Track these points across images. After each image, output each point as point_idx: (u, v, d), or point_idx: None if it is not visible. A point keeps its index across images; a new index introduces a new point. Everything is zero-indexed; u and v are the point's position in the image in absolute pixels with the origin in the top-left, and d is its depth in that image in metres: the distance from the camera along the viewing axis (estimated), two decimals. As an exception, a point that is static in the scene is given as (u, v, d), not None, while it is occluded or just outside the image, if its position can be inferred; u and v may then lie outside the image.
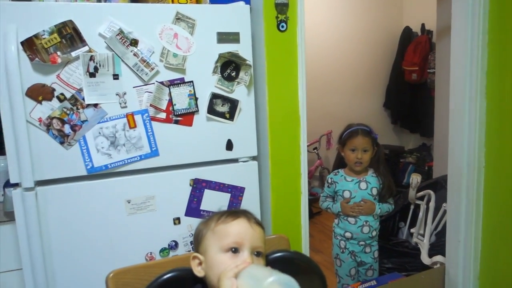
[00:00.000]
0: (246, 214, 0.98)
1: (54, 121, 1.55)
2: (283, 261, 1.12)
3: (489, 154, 1.87)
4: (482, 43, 1.83)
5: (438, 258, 2.27)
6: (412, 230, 2.68)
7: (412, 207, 2.75)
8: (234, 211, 0.99)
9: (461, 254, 1.98)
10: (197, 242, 0.99)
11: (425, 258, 2.36)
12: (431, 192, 2.62)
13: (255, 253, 0.93)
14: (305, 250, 2.00)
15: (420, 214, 2.62)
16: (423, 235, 2.54)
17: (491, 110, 1.84)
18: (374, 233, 2.11)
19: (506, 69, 1.76)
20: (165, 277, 1.04)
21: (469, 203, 1.92)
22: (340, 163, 2.22)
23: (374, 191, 2.08)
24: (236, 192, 1.84)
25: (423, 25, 4.46)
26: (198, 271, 0.95)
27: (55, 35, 1.51)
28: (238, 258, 0.89)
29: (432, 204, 2.58)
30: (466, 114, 1.89)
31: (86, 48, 1.55)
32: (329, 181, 2.16)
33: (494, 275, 1.89)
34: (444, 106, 2.32)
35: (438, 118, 3.52)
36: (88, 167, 1.61)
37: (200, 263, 0.95)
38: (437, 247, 2.38)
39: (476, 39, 1.83)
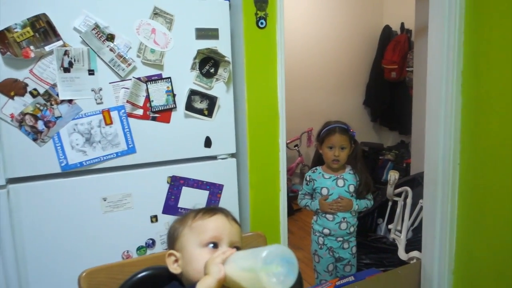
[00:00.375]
0: (223, 211, 0.98)
1: (27, 117, 1.51)
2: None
3: (464, 151, 1.90)
4: (458, 43, 1.85)
5: (414, 253, 2.31)
6: (389, 226, 2.71)
7: (390, 203, 2.79)
8: (211, 208, 0.99)
9: (437, 249, 2.01)
10: (172, 239, 0.98)
11: (402, 254, 2.39)
12: (408, 189, 2.65)
13: (233, 248, 0.92)
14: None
15: (398, 210, 2.66)
16: (400, 231, 2.57)
17: (466, 108, 1.87)
18: (352, 229, 2.13)
19: (481, 68, 1.79)
20: (140, 275, 1.03)
21: (444, 199, 1.95)
22: (318, 160, 2.22)
23: (351, 188, 2.10)
24: (214, 190, 1.83)
25: (402, 24, 4.51)
26: (174, 268, 0.93)
27: (28, 28, 1.47)
28: (219, 251, 0.88)
29: (409, 201, 2.61)
30: (442, 112, 1.91)
31: (60, 43, 1.52)
32: (308, 178, 2.16)
33: (468, 270, 1.93)
34: (421, 104, 2.35)
35: (415, 116, 3.57)
36: (63, 164, 1.57)
37: (176, 260, 0.94)
38: (414, 243, 2.42)
39: (453, 39, 1.85)
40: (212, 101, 1.77)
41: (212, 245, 0.90)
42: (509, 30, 1.65)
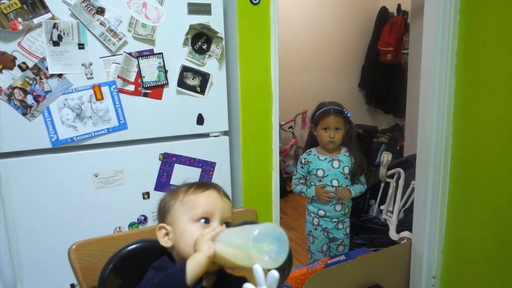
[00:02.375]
0: (216, 186, 0.98)
1: (16, 91, 1.49)
2: (250, 233, 1.12)
3: (456, 132, 1.90)
4: (453, 23, 1.84)
5: (405, 233, 2.33)
6: (381, 207, 2.73)
7: (382, 185, 2.80)
8: (203, 183, 0.98)
9: (427, 229, 2.03)
10: (163, 213, 0.98)
11: (393, 234, 2.42)
12: (401, 170, 2.66)
13: (224, 223, 0.93)
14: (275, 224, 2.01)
15: (390, 191, 2.67)
16: (392, 212, 2.59)
17: (459, 90, 1.87)
18: (346, 210, 2.15)
19: (476, 49, 1.78)
20: (129, 248, 1.02)
21: (436, 180, 1.96)
22: (312, 142, 2.22)
23: (346, 170, 2.10)
24: (207, 167, 1.82)
25: (399, 5, 4.47)
26: (165, 242, 0.93)
27: (15, 0, 1.43)
28: (209, 228, 0.88)
29: (401, 182, 2.63)
30: (436, 93, 1.91)
31: (49, 15, 1.48)
32: (303, 161, 2.15)
33: (457, 250, 1.96)
34: (416, 87, 2.34)
35: (410, 98, 3.57)
36: (53, 139, 1.56)
37: (167, 233, 0.94)
38: (405, 223, 2.44)
39: (448, 18, 1.84)
40: (204, 78, 1.75)
41: (203, 220, 0.90)
42: (505, 11, 1.64)
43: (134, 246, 1.03)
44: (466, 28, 1.81)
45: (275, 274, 0.77)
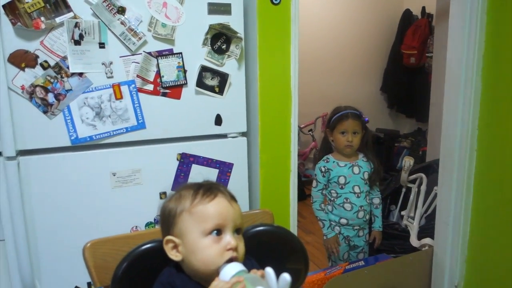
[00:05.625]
0: (222, 191, 0.91)
1: (37, 89, 1.51)
2: (266, 235, 1.10)
3: (481, 137, 1.84)
4: (480, 24, 1.78)
5: (426, 240, 2.26)
6: (402, 213, 2.67)
7: (403, 190, 2.74)
8: (209, 187, 0.91)
9: (449, 237, 1.97)
10: (168, 222, 0.91)
11: (414, 241, 2.35)
12: (423, 176, 2.60)
13: (236, 231, 0.89)
14: (293, 227, 1.98)
15: (411, 197, 2.61)
16: (413, 218, 2.53)
17: (485, 94, 1.81)
18: (367, 217, 2.10)
19: (503, 51, 1.72)
20: (144, 247, 1.02)
21: (459, 186, 1.90)
22: (326, 149, 2.15)
23: (366, 175, 2.06)
24: (224, 168, 1.81)
25: (423, 8, 4.39)
26: (175, 255, 0.88)
27: (39, -1, 1.45)
28: (222, 240, 0.85)
29: (423, 188, 2.56)
30: (461, 97, 1.85)
31: (71, 14, 1.50)
32: (323, 169, 2.06)
33: (481, 260, 1.89)
34: (440, 91, 2.28)
35: (433, 102, 3.48)
36: (72, 138, 1.57)
37: (175, 246, 0.89)
38: (427, 230, 2.37)
39: (475, 19, 1.78)
40: (223, 78, 1.74)
41: (215, 232, 0.86)
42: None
43: (149, 245, 1.02)
44: (493, 30, 1.75)
45: (286, 277, 0.75)
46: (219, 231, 0.86)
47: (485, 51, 1.79)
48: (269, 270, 0.76)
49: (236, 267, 0.82)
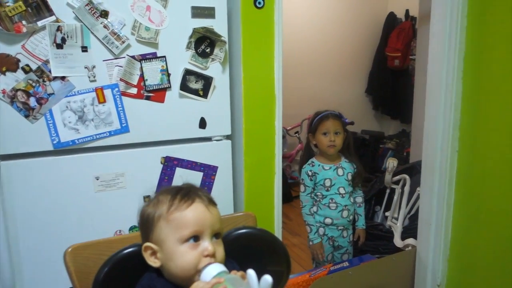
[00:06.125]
0: (200, 195, 0.90)
1: (19, 93, 1.49)
2: (248, 238, 1.11)
3: (462, 138, 1.87)
4: (460, 27, 1.82)
5: (410, 241, 2.29)
6: (386, 214, 2.70)
7: (388, 191, 2.77)
8: (186, 191, 0.90)
9: (432, 237, 2.00)
10: (146, 228, 0.91)
11: (397, 241, 2.38)
12: (407, 177, 2.63)
13: (214, 236, 0.89)
14: (277, 229, 2.00)
15: (395, 198, 2.64)
16: (397, 219, 2.56)
17: (466, 95, 1.84)
18: (351, 217, 2.13)
19: (483, 54, 1.75)
20: (126, 251, 1.02)
21: (441, 186, 1.93)
22: (308, 155, 2.16)
23: (349, 177, 2.09)
24: (208, 171, 1.81)
25: (407, 11, 4.45)
26: (153, 261, 0.88)
27: (20, 3, 1.44)
28: (200, 246, 0.85)
29: (407, 188, 2.59)
30: (442, 98, 1.88)
31: (53, 18, 1.49)
32: (309, 173, 2.07)
33: (462, 258, 1.92)
34: (423, 93, 2.31)
35: (417, 104, 3.53)
36: (55, 142, 1.56)
37: (153, 253, 0.89)
38: (410, 230, 2.40)
39: (455, 23, 1.81)
40: (207, 81, 1.75)
41: (193, 239, 0.85)
42: (512, 14, 1.61)
43: (130, 249, 1.02)
44: (474, 33, 1.79)
45: (268, 279, 0.76)
46: (196, 238, 0.85)
47: (465, 53, 1.83)
48: (251, 272, 0.77)
49: (217, 268, 0.83)
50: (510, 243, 1.69)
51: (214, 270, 0.82)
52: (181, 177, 1.74)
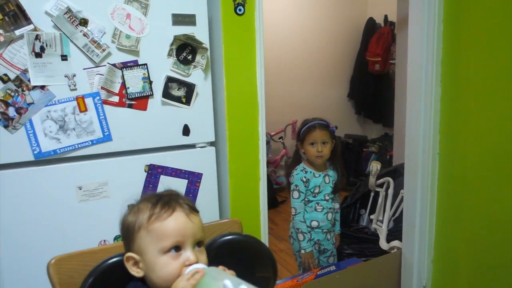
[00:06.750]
0: (181, 204, 0.88)
1: (-3, 103, 1.47)
2: (234, 244, 1.11)
3: (443, 141, 1.90)
4: (437, 32, 1.85)
5: (395, 243, 2.32)
6: (371, 217, 2.72)
7: (372, 194, 2.79)
8: (167, 200, 0.88)
9: (416, 238, 2.02)
10: (127, 238, 0.90)
11: (383, 244, 2.40)
12: (390, 180, 2.66)
13: (197, 244, 0.88)
14: (263, 235, 1.99)
15: (379, 200, 2.66)
16: (382, 221, 2.58)
17: (445, 99, 1.88)
18: (333, 220, 2.17)
19: (460, 58, 1.79)
20: (111, 261, 1.01)
21: (424, 189, 1.96)
22: (297, 161, 2.18)
23: (333, 183, 2.13)
24: (193, 178, 1.80)
25: (386, 16, 4.52)
26: (136, 271, 0.87)
27: (-3, 12, 1.42)
28: (181, 256, 0.84)
29: (390, 191, 2.62)
30: (422, 102, 1.92)
31: (31, 27, 1.47)
32: (304, 179, 2.08)
33: (446, 259, 1.95)
34: (403, 96, 2.35)
35: (398, 107, 3.59)
36: (35, 152, 1.53)
37: (136, 263, 0.88)
38: (395, 232, 2.43)
39: (432, 28, 1.85)
40: (190, 88, 1.74)
41: (174, 249, 0.84)
42: (488, 20, 1.66)
43: (115, 259, 1.01)
44: (450, 38, 1.83)
45: None
46: (177, 248, 0.84)
47: (443, 58, 1.86)
48: (227, 283, 0.75)
49: (196, 266, 0.83)
50: (491, 243, 1.72)
51: (194, 268, 0.83)
52: (162, 183, 1.72)
